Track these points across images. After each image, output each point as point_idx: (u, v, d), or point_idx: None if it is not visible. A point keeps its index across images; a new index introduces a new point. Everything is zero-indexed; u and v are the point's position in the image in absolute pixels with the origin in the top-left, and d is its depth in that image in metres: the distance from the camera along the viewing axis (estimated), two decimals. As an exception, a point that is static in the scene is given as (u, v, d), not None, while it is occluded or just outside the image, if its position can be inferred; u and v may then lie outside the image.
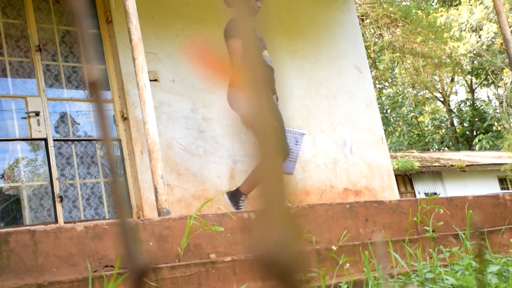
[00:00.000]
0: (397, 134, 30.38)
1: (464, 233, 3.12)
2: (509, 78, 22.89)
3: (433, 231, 3.91)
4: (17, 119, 5.03)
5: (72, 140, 5.41)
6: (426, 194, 18.02)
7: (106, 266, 2.94)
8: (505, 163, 15.52)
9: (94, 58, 0.44)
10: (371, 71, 23.73)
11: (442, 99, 29.56)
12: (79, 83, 5.65)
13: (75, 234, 2.92)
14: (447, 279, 2.26)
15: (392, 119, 30.39)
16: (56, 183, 4.99)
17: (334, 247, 2.59)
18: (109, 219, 5.28)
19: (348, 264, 2.30)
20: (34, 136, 5.02)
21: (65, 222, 4.97)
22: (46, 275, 2.72)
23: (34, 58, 5.20)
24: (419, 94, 28.74)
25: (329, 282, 2.51)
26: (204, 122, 6.03)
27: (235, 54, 4.33)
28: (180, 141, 5.82)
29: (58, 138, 5.24)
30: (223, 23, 6.51)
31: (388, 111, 30.33)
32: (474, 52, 21.91)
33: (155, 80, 5.72)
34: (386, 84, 29.30)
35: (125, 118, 5.53)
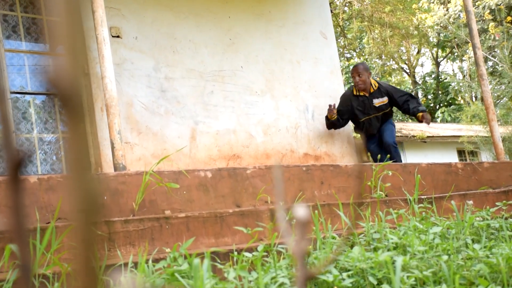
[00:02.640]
0: (362, 104, 30.62)
1: (413, 198, 3.21)
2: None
3: (386, 195, 4.01)
4: (-27, 69, 4.91)
5: (30, 93, 5.31)
6: (387, 163, 18.33)
7: (59, 219, 2.94)
8: (464, 136, 15.87)
9: None
10: (340, 40, 23.74)
11: (408, 71, 29.88)
12: (38, 36, 5.52)
13: (28, 186, 2.90)
14: (391, 238, 2.34)
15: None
16: (12, 137, 4.89)
17: (281, 204, 2.64)
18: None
19: (294, 221, 2.34)
20: None
21: (20, 176, 4.90)
22: (-3, 225, 2.70)
23: (-9, 7, 5.05)
24: (385, 65, 28.96)
25: (278, 240, 2.56)
26: (166, 82, 5.98)
27: None
28: (141, 100, 5.77)
29: (15, 91, 5.14)
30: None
31: (355, 80, 30.48)
32: (441, 24, 22.13)
33: (118, 36, 5.63)
34: (354, 53, 29.41)
35: (86, 74, 5.45)
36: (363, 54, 28.38)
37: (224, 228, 3.19)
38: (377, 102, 6.62)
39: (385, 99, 6.62)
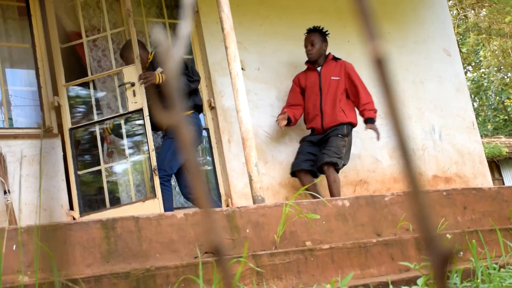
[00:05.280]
0: (481, 120, 29.17)
1: None
2: None
3: (537, 220, 3.72)
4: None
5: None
6: (516, 182, 17.26)
7: (206, 253, 2.99)
8: None
9: (376, 35, 0.42)
10: (454, 55, 22.86)
11: (531, 82, 28.11)
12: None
13: (176, 221, 2.98)
14: None
15: (476, 104, 29.22)
16: (152, 154, 4.76)
17: (448, 236, 2.51)
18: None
19: (461, 253, 2.21)
20: (130, 109, 4.92)
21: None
22: (150, 260, 2.80)
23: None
24: (505, 77, 27.48)
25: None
26: (289, 110, 6.00)
27: None
28: (266, 129, 5.83)
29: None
30: (307, 10, 6.45)
31: (472, 95, 29.14)
32: None
33: (242, 69, 5.73)
34: (470, 67, 28.20)
35: (212, 107, 5.60)
36: (480, 68, 27.13)
37: (369, 258, 3.10)
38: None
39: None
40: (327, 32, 5.70)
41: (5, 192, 4.28)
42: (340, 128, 5.45)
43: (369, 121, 5.48)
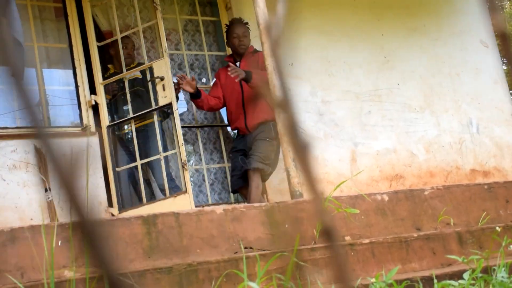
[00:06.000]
0: (517, 112, 28.62)
1: None
2: None
3: None
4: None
5: (196, 127, 5.55)
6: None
7: (245, 248, 2.99)
8: None
9: (498, 9, 0.41)
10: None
11: None
12: (201, 71, 5.78)
13: (215, 217, 3.00)
14: None
15: None
16: (182, 149, 4.77)
17: (498, 228, 2.46)
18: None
19: (511, 246, 2.17)
20: (161, 104, 4.95)
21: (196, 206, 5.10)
22: (191, 255, 2.81)
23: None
24: (542, 69, 26.90)
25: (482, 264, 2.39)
26: (323, 105, 5.98)
27: None
28: (300, 125, 5.81)
29: (182, 125, 5.37)
30: (340, 4, 6.40)
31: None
32: None
33: (275, 64, 5.72)
34: (505, 60, 27.66)
35: (247, 104, 5.59)
36: (515, 60, 26.52)
37: (410, 253, 3.06)
38: None
39: None
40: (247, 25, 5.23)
41: (46, 190, 4.36)
42: (267, 130, 4.94)
43: (247, 74, 4.76)
